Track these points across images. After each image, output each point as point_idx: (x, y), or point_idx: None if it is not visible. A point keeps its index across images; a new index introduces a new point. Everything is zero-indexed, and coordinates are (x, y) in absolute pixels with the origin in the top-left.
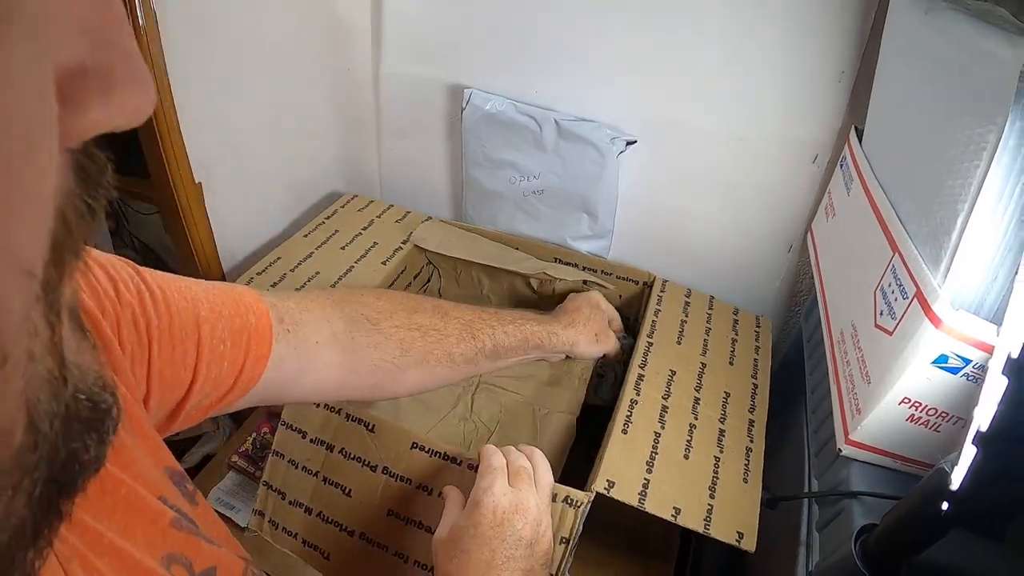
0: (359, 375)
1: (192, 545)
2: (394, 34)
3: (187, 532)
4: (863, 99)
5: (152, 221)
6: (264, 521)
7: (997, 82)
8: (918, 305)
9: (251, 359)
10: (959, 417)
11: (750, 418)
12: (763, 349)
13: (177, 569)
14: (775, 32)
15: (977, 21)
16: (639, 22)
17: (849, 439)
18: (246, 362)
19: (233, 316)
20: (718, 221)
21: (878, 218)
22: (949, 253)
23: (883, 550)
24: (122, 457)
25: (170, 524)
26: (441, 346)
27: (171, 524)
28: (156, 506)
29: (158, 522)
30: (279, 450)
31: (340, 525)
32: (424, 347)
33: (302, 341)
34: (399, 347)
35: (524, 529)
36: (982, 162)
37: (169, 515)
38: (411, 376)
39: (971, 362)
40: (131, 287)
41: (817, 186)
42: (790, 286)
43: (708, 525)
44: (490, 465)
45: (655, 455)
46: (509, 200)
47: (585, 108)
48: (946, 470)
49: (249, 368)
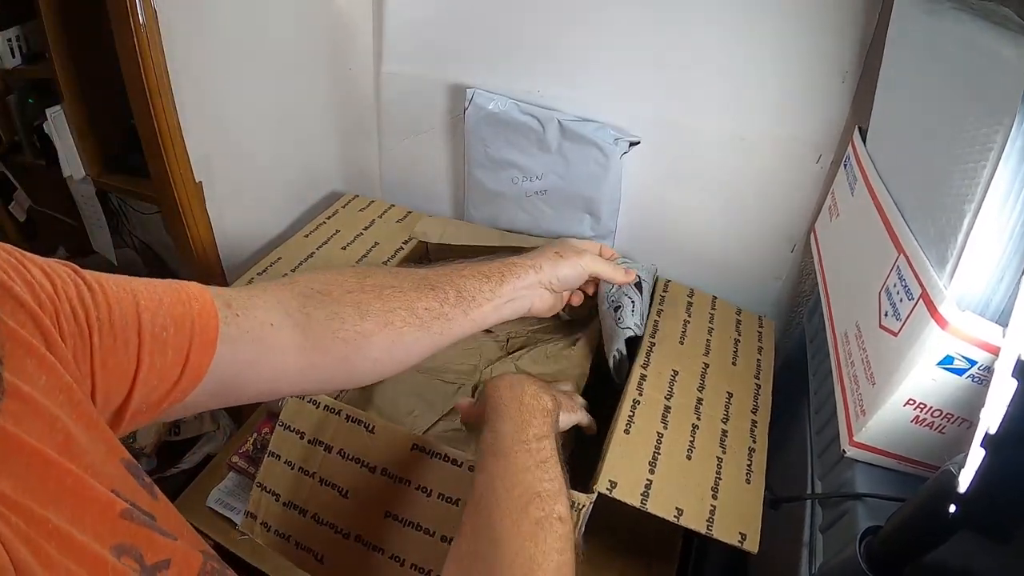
0: (322, 351)
1: (143, 537)
2: (395, 33)
3: (139, 524)
4: (867, 99)
5: (152, 220)
6: (256, 523)
7: (1003, 82)
8: (923, 306)
9: (197, 345)
10: (964, 419)
11: (753, 419)
12: (766, 349)
13: (127, 560)
14: (779, 32)
15: (981, 20)
16: (643, 22)
17: (853, 440)
18: (191, 349)
19: (174, 304)
20: (721, 221)
21: (882, 218)
22: (955, 254)
23: (888, 552)
24: (70, 448)
25: (120, 515)
26: (401, 303)
27: (121, 515)
28: (106, 497)
29: (107, 512)
30: (275, 451)
31: (335, 527)
32: (383, 307)
33: (254, 324)
34: (356, 311)
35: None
36: (989, 162)
37: (120, 506)
38: (378, 342)
39: (976, 363)
40: (68, 282)
41: (821, 186)
42: (793, 286)
43: (711, 526)
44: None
45: (657, 455)
46: (511, 200)
47: (588, 108)
48: (953, 472)
49: (196, 356)
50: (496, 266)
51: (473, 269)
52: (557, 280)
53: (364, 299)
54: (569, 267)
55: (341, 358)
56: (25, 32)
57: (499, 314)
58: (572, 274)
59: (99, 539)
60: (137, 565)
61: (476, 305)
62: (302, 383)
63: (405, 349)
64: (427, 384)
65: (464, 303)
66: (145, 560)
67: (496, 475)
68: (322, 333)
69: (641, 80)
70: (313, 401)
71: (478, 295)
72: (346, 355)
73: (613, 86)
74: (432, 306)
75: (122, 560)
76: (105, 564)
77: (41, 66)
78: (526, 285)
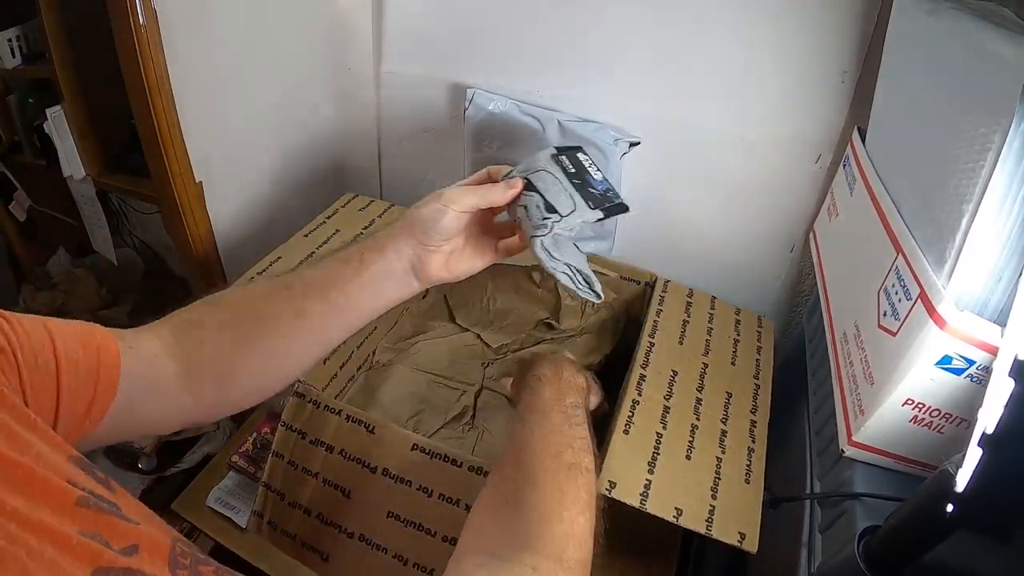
0: (198, 380)
1: (105, 523)
2: (395, 33)
3: (97, 511)
4: (866, 99)
5: (152, 220)
6: (263, 522)
7: (1002, 82)
8: (922, 306)
9: (104, 367)
10: (963, 418)
11: (752, 419)
12: (765, 349)
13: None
14: (778, 33)
15: (980, 21)
16: (643, 22)
17: (852, 440)
18: (100, 369)
19: (79, 330)
20: (720, 221)
21: (881, 218)
22: (953, 254)
23: (886, 552)
24: (15, 443)
25: (76, 503)
26: (251, 311)
27: (78, 503)
28: (60, 485)
29: (63, 500)
30: (279, 451)
31: (339, 527)
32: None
33: (144, 354)
34: (225, 337)
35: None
36: (987, 162)
37: (75, 494)
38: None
39: (975, 363)
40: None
41: (820, 186)
42: (792, 286)
43: (710, 526)
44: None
45: (657, 455)
46: None
47: (588, 108)
48: (951, 472)
49: (105, 376)
50: (356, 247)
51: (332, 256)
52: (423, 233)
53: (231, 321)
54: (427, 212)
55: (217, 386)
56: (25, 32)
57: (374, 292)
58: (434, 218)
59: (63, 522)
60: (104, 548)
61: (337, 290)
62: (192, 412)
63: (274, 359)
64: (431, 389)
65: (317, 291)
66: (112, 545)
67: (534, 426)
68: (196, 363)
69: (641, 80)
70: (314, 401)
71: (338, 279)
72: (221, 382)
73: (613, 86)
74: (285, 308)
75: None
76: (69, 539)
77: (41, 66)
78: (394, 251)
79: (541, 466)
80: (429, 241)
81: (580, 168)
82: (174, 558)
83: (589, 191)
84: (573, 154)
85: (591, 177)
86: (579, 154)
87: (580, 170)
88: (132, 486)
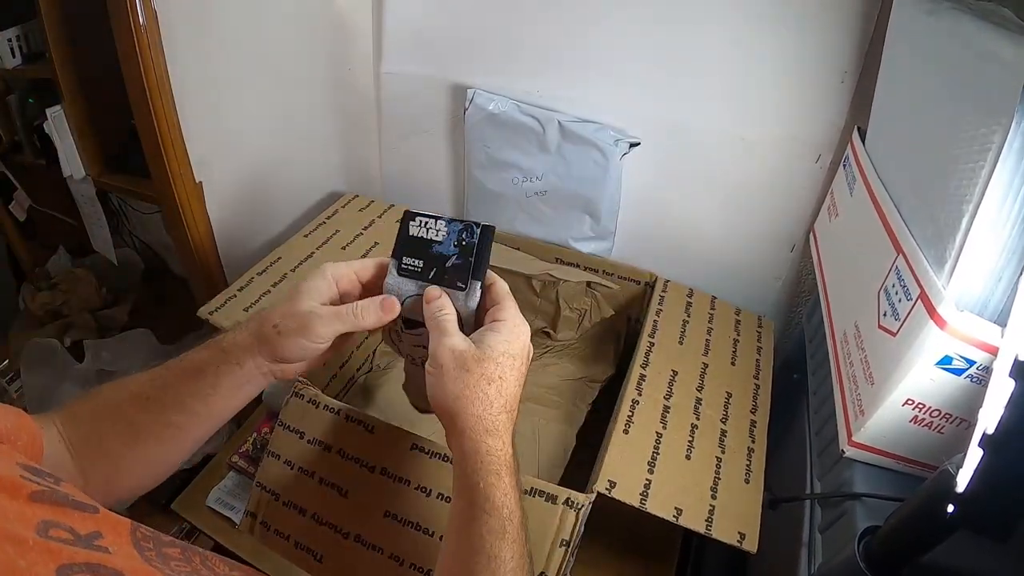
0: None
1: (63, 513)
2: (395, 33)
3: (54, 503)
4: (866, 99)
5: (152, 220)
6: (256, 523)
7: (1002, 82)
8: (922, 306)
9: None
10: (963, 419)
11: (752, 419)
12: (765, 349)
13: (57, 532)
14: (778, 33)
15: (980, 21)
16: (642, 23)
17: (852, 440)
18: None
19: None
20: (720, 221)
21: (881, 218)
22: (954, 254)
23: (887, 552)
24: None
25: (30, 498)
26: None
27: (31, 498)
28: (13, 480)
29: (16, 496)
30: (275, 451)
31: (335, 527)
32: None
33: (52, 440)
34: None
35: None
36: (987, 163)
37: (28, 488)
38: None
39: (975, 363)
40: None
41: (820, 186)
42: (792, 286)
43: (710, 526)
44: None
45: (657, 455)
46: (512, 201)
47: (588, 109)
48: (951, 472)
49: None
50: (211, 358)
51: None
52: (284, 358)
53: (108, 430)
54: (290, 345)
55: (105, 481)
56: (25, 32)
57: (234, 398)
58: (298, 349)
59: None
60: (70, 536)
61: (199, 401)
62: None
63: (158, 462)
64: None
65: (180, 405)
66: (78, 530)
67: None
68: (85, 459)
69: (641, 81)
70: (313, 401)
71: (197, 393)
72: (107, 479)
73: (613, 87)
74: (154, 419)
75: (50, 533)
76: (25, 541)
77: (41, 66)
78: (253, 366)
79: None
80: (290, 362)
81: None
82: (136, 541)
83: (446, 269)
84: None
85: (439, 248)
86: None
87: (428, 259)
88: None
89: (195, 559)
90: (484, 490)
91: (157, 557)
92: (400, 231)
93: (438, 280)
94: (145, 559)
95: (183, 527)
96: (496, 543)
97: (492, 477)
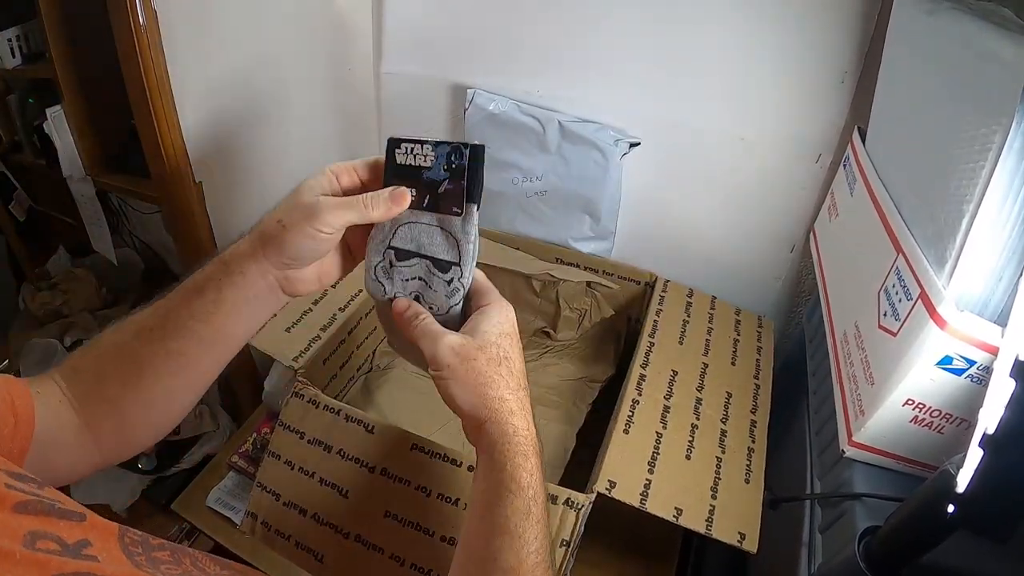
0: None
1: (50, 523)
2: (395, 33)
3: (38, 513)
4: (866, 99)
5: (152, 220)
6: (256, 523)
7: (1002, 82)
8: (922, 306)
9: (21, 418)
10: (963, 419)
11: (752, 418)
12: (765, 349)
13: (44, 543)
14: (778, 33)
15: (981, 21)
16: (642, 23)
17: (852, 440)
18: (15, 400)
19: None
20: (720, 221)
21: (881, 219)
22: (954, 254)
23: (887, 552)
24: None
25: (15, 508)
26: (126, 356)
27: (16, 508)
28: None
29: (1, 508)
30: (275, 451)
31: (335, 527)
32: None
33: (50, 403)
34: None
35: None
36: (987, 162)
37: (12, 499)
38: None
39: (975, 363)
40: None
41: (820, 186)
42: (792, 286)
43: (710, 526)
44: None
45: (657, 455)
46: (512, 201)
47: (588, 109)
48: (951, 472)
49: (21, 407)
50: (213, 272)
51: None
52: (291, 257)
53: (110, 371)
54: (296, 238)
55: (114, 430)
56: (25, 32)
57: (239, 319)
58: (305, 244)
59: (6, 534)
60: (58, 546)
61: (202, 323)
62: (97, 456)
63: (164, 403)
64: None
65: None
66: (65, 540)
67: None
68: (89, 410)
69: (641, 81)
70: (313, 401)
71: (198, 313)
72: (116, 428)
73: (613, 87)
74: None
75: (37, 545)
76: (12, 555)
77: (41, 66)
78: (257, 274)
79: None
80: (297, 264)
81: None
82: (125, 546)
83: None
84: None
85: (428, 174)
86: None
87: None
88: (132, 486)
89: (185, 560)
90: (511, 471)
91: (147, 562)
92: (387, 161)
93: (432, 207)
94: (135, 564)
95: (183, 527)
96: (521, 523)
97: (519, 458)
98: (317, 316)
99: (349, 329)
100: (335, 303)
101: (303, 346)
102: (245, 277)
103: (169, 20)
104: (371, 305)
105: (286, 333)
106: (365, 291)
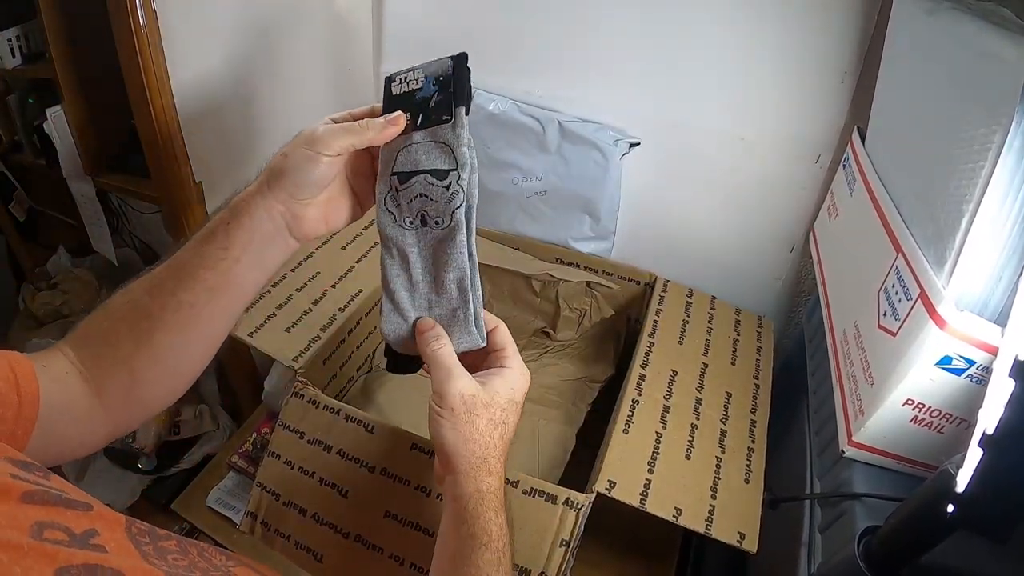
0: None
1: (57, 512)
2: (395, 33)
3: (45, 503)
4: (866, 99)
5: (152, 220)
6: (256, 523)
7: (1002, 82)
8: (922, 306)
9: (25, 393)
10: (963, 419)
11: (752, 418)
12: (765, 349)
13: (52, 533)
14: (778, 33)
15: (981, 21)
16: (643, 23)
17: (852, 440)
18: (20, 395)
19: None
20: (720, 221)
21: (881, 219)
22: (953, 254)
23: (886, 552)
24: None
25: (21, 499)
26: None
27: (23, 499)
28: (3, 482)
29: (7, 498)
30: (275, 451)
31: (335, 527)
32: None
33: (56, 375)
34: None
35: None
36: (987, 162)
37: (19, 489)
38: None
39: (975, 363)
40: None
41: (820, 186)
42: (792, 286)
43: (710, 526)
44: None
45: (656, 455)
46: (511, 201)
47: (588, 109)
48: (951, 472)
49: (26, 402)
50: (220, 218)
51: (197, 235)
52: (294, 185)
53: (122, 329)
54: (296, 161)
55: (124, 394)
56: (25, 32)
57: (249, 263)
58: (304, 168)
59: (13, 524)
60: (66, 536)
61: (209, 270)
62: (107, 426)
63: (175, 360)
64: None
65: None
66: (73, 530)
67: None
68: (100, 376)
69: (641, 81)
70: (313, 401)
71: (207, 260)
72: (127, 390)
73: (613, 87)
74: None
75: (44, 535)
76: (20, 546)
77: (41, 66)
78: (264, 212)
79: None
80: (301, 194)
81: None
82: (132, 536)
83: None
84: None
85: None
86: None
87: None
88: (132, 486)
89: (192, 551)
90: (484, 525)
91: (154, 552)
92: (384, 97)
93: (425, 123)
94: (143, 555)
95: (183, 527)
96: (492, 573)
97: (491, 513)
98: (317, 316)
99: (349, 329)
100: (335, 303)
101: (303, 346)
102: (252, 219)
103: (169, 20)
104: (371, 305)
105: (286, 333)
106: (377, 231)
